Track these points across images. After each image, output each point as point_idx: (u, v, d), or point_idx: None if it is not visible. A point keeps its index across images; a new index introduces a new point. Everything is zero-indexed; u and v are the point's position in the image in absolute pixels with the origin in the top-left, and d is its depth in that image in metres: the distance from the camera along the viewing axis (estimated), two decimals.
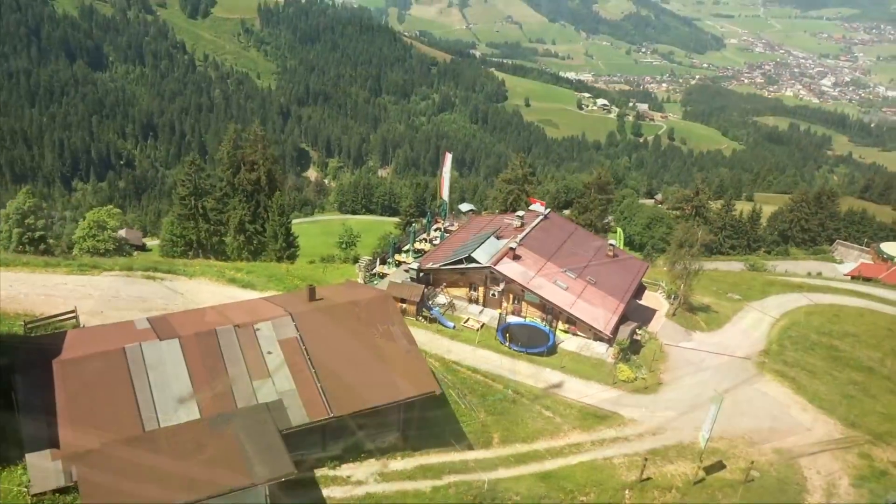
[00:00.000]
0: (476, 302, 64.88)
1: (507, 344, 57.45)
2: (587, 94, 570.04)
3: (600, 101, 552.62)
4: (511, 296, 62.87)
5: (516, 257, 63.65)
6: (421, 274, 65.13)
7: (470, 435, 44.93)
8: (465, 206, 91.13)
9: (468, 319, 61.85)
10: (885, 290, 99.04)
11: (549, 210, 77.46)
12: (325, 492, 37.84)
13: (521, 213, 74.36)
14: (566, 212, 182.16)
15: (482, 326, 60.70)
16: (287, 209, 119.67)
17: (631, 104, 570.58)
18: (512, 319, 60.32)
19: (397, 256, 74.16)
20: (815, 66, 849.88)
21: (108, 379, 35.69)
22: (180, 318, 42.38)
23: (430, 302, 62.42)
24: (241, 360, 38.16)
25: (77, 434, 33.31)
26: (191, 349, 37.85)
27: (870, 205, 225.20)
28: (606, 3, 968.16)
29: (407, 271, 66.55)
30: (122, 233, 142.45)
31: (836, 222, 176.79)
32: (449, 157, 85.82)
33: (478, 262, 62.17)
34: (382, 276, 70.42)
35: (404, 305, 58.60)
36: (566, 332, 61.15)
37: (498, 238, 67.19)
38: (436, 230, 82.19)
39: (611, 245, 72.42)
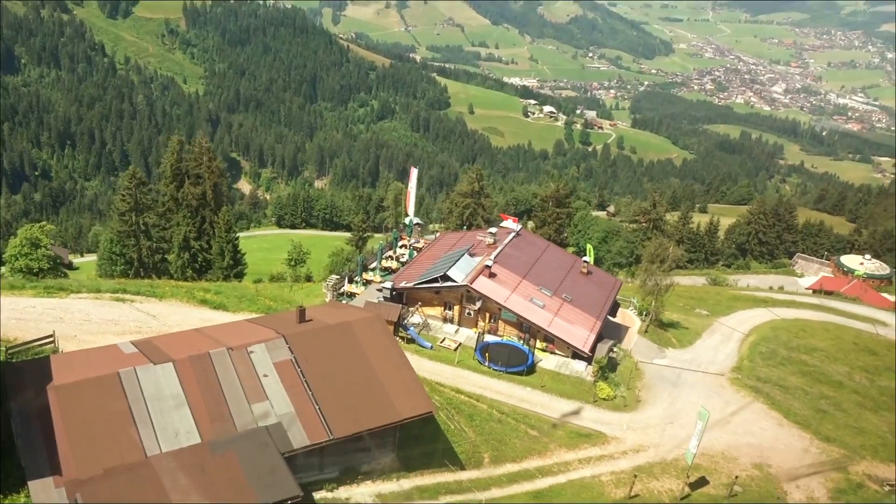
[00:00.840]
0: (451, 321, 67.53)
1: (487, 363, 60.23)
2: (533, 101, 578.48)
3: (547, 109, 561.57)
4: (487, 314, 65.66)
5: (492, 275, 66.50)
6: (394, 293, 67.50)
7: (461, 455, 47.55)
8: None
9: (444, 339, 64.47)
10: (847, 303, 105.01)
11: (520, 226, 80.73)
12: None
13: (493, 229, 77.48)
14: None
15: (459, 346, 63.42)
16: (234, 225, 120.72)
17: (579, 111, 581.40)
18: (490, 339, 63.08)
19: (365, 275, 76.42)
20: (765, 73, 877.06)
21: (105, 404, 37.31)
22: (166, 341, 44.20)
23: (405, 321, 64.86)
24: (238, 384, 40.16)
25: (78, 460, 34.92)
26: (186, 373, 39.69)
27: (825, 216, 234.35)
28: (552, 6, 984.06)
29: (380, 290, 68.86)
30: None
31: (793, 235, 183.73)
32: (415, 172, 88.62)
33: (454, 281, 64.75)
34: (351, 295, 72.69)
35: None
36: (544, 350, 64.21)
37: (471, 255, 70.01)
38: (401, 247, 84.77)
39: (584, 262, 75.91)
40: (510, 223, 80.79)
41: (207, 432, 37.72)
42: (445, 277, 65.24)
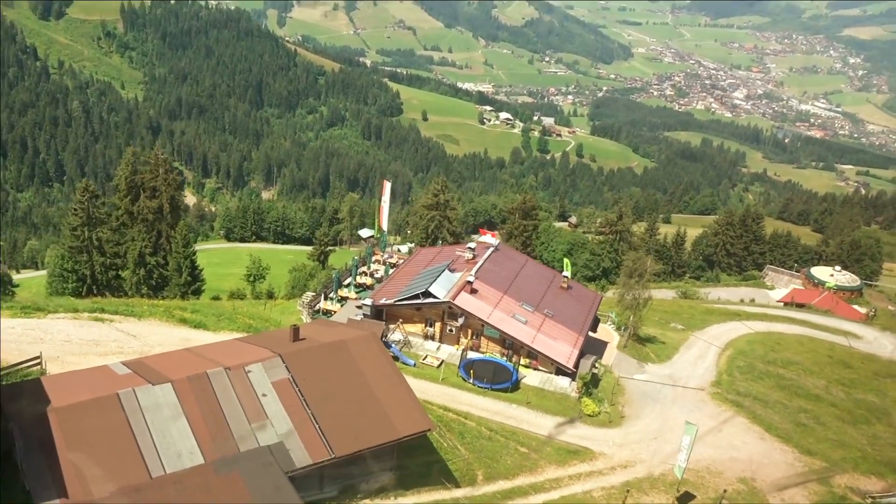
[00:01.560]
0: (432, 338, 69.80)
1: (472, 381, 62.53)
2: (489, 108, 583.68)
3: (503, 115, 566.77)
4: (470, 331, 68.07)
5: (473, 291, 68.92)
6: (374, 310, 69.49)
7: (455, 473, 49.79)
8: (365, 233, 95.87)
9: (426, 356, 66.69)
10: (819, 316, 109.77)
11: (498, 241, 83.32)
12: None
13: (472, 244, 79.90)
14: (475, 237, 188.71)
15: (442, 363, 65.67)
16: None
17: (536, 118, 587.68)
18: (472, 355, 65.37)
19: (339, 291, 78.36)
20: (726, 78, 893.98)
21: (107, 425, 38.85)
22: (159, 361, 45.78)
23: (387, 338, 66.90)
24: (237, 404, 41.95)
25: (84, 482, 36.43)
26: (185, 393, 41.37)
27: (789, 226, 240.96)
28: (506, 8, 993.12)
29: (360, 307, 70.86)
30: None
31: (761, 246, 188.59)
32: (388, 186, 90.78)
33: (435, 297, 67.06)
34: (326, 312, 74.55)
35: None
36: (527, 366, 66.74)
37: (451, 271, 72.34)
38: (375, 262, 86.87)
39: (564, 277, 78.67)
40: (489, 238, 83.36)
41: (210, 452, 39.44)
42: (427, 294, 67.47)
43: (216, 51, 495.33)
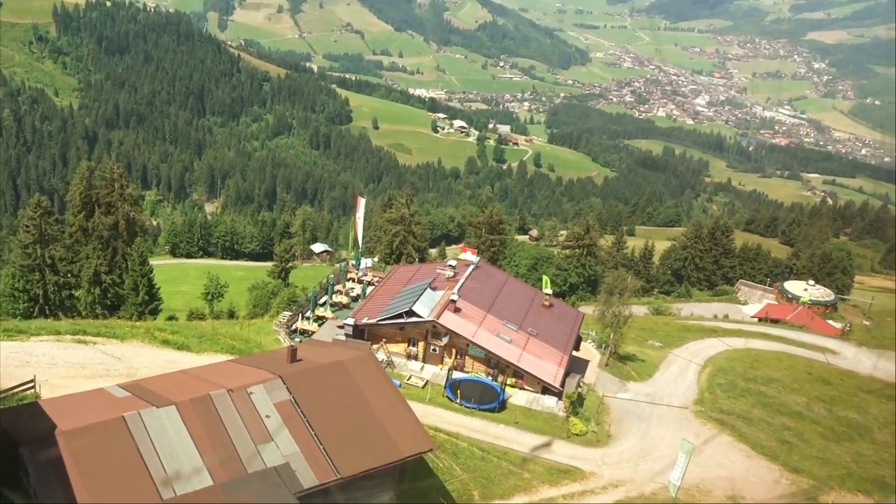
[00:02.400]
0: (415, 358, 72.41)
1: (459, 401, 65.25)
2: (442, 115, 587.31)
3: (457, 123, 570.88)
4: (454, 350, 70.77)
5: (457, 310, 71.66)
6: (355, 329, 71.91)
7: (453, 493, 52.46)
8: (318, 247, 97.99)
9: (410, 377, 69.31)
10: (795, 331, 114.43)
11: (479, 259, 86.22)
12: None
13: (452, 262, 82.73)
14: (433, 251, 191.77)
15: (427, 383, 68.30)
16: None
17: (491, 126, 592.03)
18: (458, 375, 68.05)
19: (316, 311, 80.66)
20: (687, 84, 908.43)
21: (115, 449, 40.75)
22: (156, 383, 47.65)
23: None
24: (242, 425, 44.11)
25: None
26: (189, 415, 43.41)
27: (757, 238, 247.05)
28: (459, 11, 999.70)
29: (341, 327, 73.21)
30: None
31: (731, 260, 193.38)
32: (362, 202, 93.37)
33: (419, 316, 69.71)
34: (304, 332, 76.82)
35: None
36: (513, 386, 69.62)
37: (433, 289, 75.03)
38: (349, 280, 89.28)
39: (546, 294, 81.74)
40: (469, 255, 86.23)
41: (218, 474, 41.50)
42: (410, 313, 70.05)
43: (155, 56, 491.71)
